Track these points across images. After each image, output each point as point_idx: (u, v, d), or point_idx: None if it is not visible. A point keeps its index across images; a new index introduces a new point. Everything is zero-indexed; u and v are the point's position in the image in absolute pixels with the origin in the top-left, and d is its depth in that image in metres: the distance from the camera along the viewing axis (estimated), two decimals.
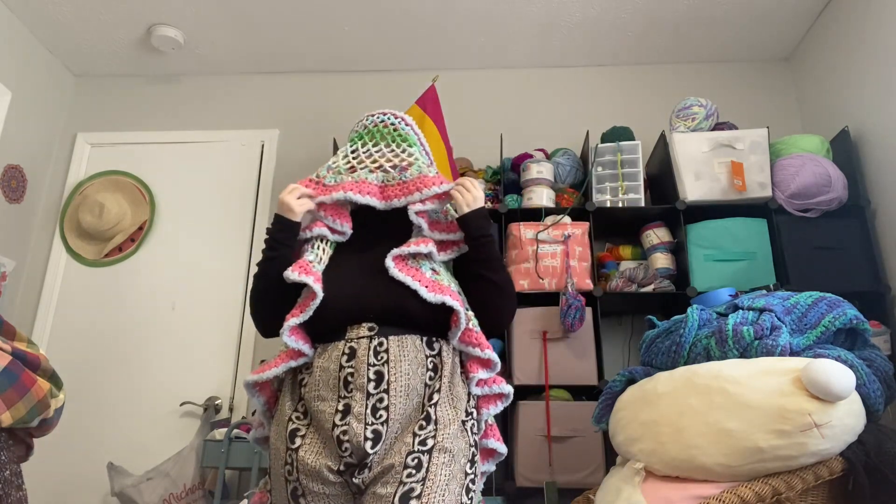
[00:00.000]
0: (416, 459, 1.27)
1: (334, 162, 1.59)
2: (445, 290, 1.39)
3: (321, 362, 1.38)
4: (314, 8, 2.90)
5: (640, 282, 2.53)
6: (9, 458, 1.27)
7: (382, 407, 1.31)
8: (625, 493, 1.68)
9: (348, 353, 1.36)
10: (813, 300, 1.75)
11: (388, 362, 1.34)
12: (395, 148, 1.59)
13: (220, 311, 2.95)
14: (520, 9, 2.90)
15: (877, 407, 1.62)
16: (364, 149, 1.60)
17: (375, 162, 1.56)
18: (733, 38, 3.07)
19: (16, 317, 2.97)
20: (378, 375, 1.33)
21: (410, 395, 1.34)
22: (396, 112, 1.65)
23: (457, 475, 1.30)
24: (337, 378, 1.34)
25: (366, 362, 1.33)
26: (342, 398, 1.32)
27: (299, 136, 3.24)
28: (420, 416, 1.33)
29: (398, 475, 1.25)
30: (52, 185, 3.21)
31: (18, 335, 1.38)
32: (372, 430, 1.29)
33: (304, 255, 1.48)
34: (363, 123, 1.65)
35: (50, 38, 3.10)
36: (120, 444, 2.74)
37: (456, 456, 1.31)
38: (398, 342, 1.37)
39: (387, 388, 1.32)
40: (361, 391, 1.31)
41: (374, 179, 1.53)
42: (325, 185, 1.53)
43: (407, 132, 1.62)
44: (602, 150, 2.68)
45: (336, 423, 1.31)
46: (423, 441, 1.29)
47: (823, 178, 2.45)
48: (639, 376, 1.90)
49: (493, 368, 1.43)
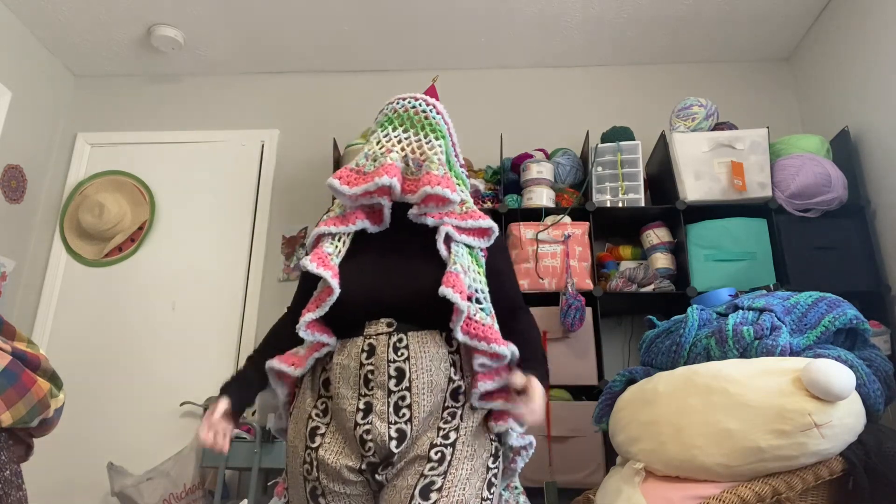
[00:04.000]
0: (440, 453, 1.26)
1: (370, 150, 1.51)
2: (451, 278, 1.31)
3: (340, 359, 1.35)
4: (314, 8, 2.90)
5: (640, 282, 2.53)
6: (9, 458, 1.27)
7: (405, 405, 1.28)
8: (625, 493, 1.68)
9: (367, 349, 1.32)
10: (813, 300, 1.76)
11: (408, 359, 1.31)
12: (423, 139, 1.50)
13: (220, 311, 2.95)
14: (520, 9, 2.90)
15: (877, 407, 1.62)
16: (395, 133, 1.51)
17: (403, 150, 1.49)
18: (733, 38, 3.07)
19: (16, 317, 2.97)
20: (399, 372, 1.30)
21: (434, 391, 1.31)
22: (428, 98, 1.57)
23: (478, 469, 1.28)
24: (357, 375, 1.31)
25: (386, 359, 1.30)
26: (363, 396, 1.29)
27: (299, 136, 3.24)
28: (444, 411, 1.31)
29: (420, 468, 1.24)
30: (52, 185, 3.21)
31: (18, 335, 1.38)
32: (396, 430, 1.27)
33: (323, 247, 1.42)
34: (392, 107, 1.56)
35: (50, 38, 3.10)
36: (120, 444, 2.74)
37: (478, 451, 1.30)
38: (418, 338, 1.33)
39: (409, 385, 1.29)
40: (382, 389, 1.29)
41: (401, 167, 1.47)
42: (364, 174, 1.46)
43: (437, 122, 1.54)
44: (602, 150, 2.68)
45: (358, 421, 1.28)
46: (447, 434, 1.28)
47: (823, 178, 2.45)
48: (639, 376, 1.90)
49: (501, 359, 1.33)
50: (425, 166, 1.46)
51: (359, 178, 1.45)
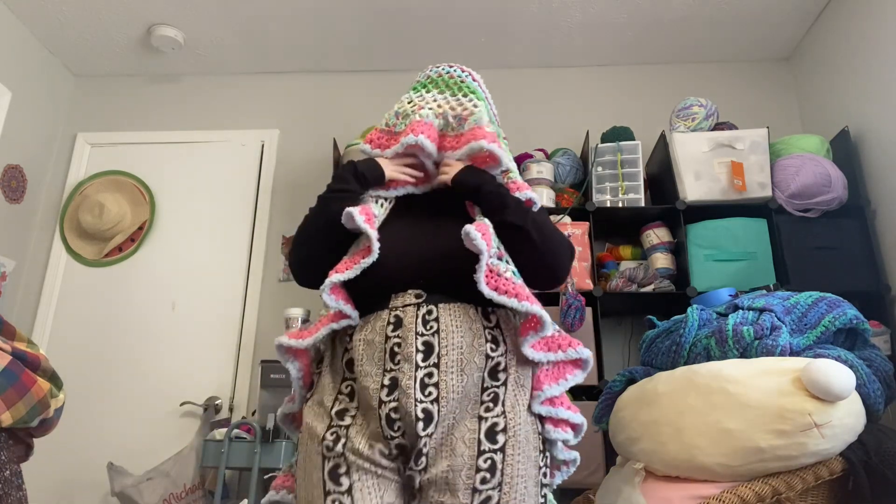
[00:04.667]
0: (489, 461, 1.12)
1: (400, 107, 1.43)
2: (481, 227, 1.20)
3: (364, 335, 1.22)
4: (314, 8, 2.90)
5: (640, 282, 2.53)
6: (9, 458, 1.27)
7: (432, 383, 1.15)
8: (625, 493, 1.68)
9: (394, 322, 1.20)
10: (813, 300, 1.76)
11: (438, 332, 1.18)
12: (461, 97, 1.42)
13: (220, 311, 2.95)
14: (520, 9, 2.90)
15: (877, 407, 1.62)
16: (429, 94, 1.44)
17: (441, 108, 1.40)
18: (733, 38, 3.07)
19: (16, 317, 2.96)
20: (427, 346, 1.17)
21: (466, 369, 1.17)
22: (463, 66, 1.50)
23: (531, 472, 1.17)
24: (382, 350, 1.18)
25: (413, 331, 1.18)
26: (388, 371, 1.16)
27: (299, 136, 3.24)
28: (483, 392, 1.18)
29: (470, 480, 1.11)
30: (52, 185, 3.21)
31: (18, 335, 1.39)
32: (423, 409, 1.13)
33: (371, 206, 1.31)
34: (426, 74, 1.50)
35: (50, 38, 3.10)
36: (120, 444, 2.73)
37: (527, 449, 1.17)
38: (449, 311, 1.20)
39: (437, 361, 1.16)
40: (409, 362, 1.15)
41: (436, 124, 1.39)
42: (395, 133, 1.37)
43: (474, 87, 1.47)
44: (602, 150, 2.68)
45: (383, 399, 1.15)
46: (492, 431, 1.14)
47: (823, 178, 2.44)
48: (639, 376, 1.90)
49: (542, 326, 1.20)
50: (471, 120, 1.35)
51: (390, 139, 1.37)
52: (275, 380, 2.48)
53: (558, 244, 1.35)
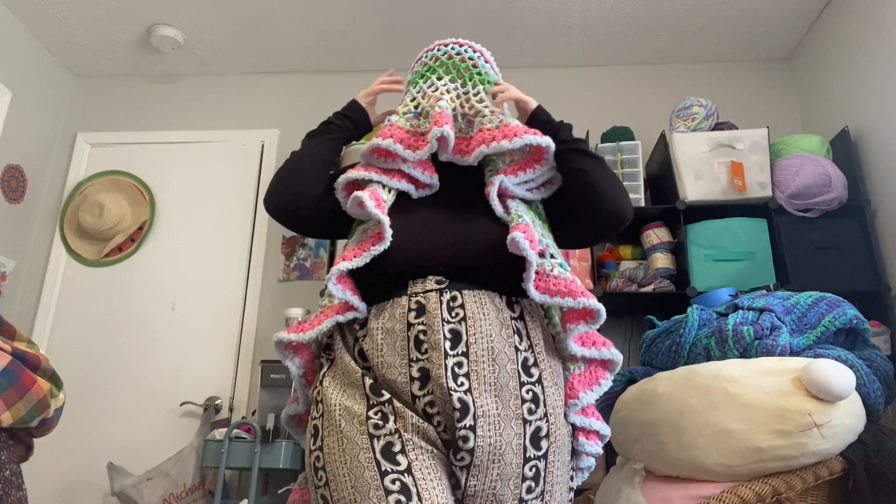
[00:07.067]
0: (534, 468, 1.07)
1: (404, 105, 1.35)
2: (523, 226, 1.13)
3: (381, 323, 1.13)
4: (314, 8, 2.90)
5: (640, 282, 2.53)
6: (9, 458, 1.27)
7: (462, 373, 1.06)
8: (625, 493, 1.68)
9: (416, 308, 1.11)
10: (813, 300, 1.76)
11: (464, 319, 1.09)
12: (471, 89, 1.35)
13: (220, 311, 2.95)
14: (520, 9, 2.90)
15: (877, 407, 1.62)
16: (441, 83, 1.35)
17: (452, 102, 1.33)
18: (733, 38, 3.07)
19: (16, 317, 2.96)
20: (454, 335, 1.08)
21: (497, 359, 1.09)
22: (473, 44, 1.40)
23: (565, 477, 1.13)
24: (406, 339, 1.09)
25: (439, 317, 1.09)
26: (415, 361, 1.08)
27: (299, 136, 3.16)
28: (524, 393, 1.10)
29: (517, 490, 1.06)
30: (52, 185, 3.21)
31: (18, 335, 1.38)
32: (458, 399, 1.05)
33: (378, 191, 1.22)
34: (433, 54, 1.40)
35: (50, 38, 3.10)
36: (120, 444, 2.73)
37: (563, 455, 1.12)
38: (474, 298, 1.12)
39: (466, 350, 1.07)
40: (438, 350, 1.06)
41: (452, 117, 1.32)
42: (422, 134, 1.29)
43: (486, 71, 1.39)
44: (602, 150, 2.68)
45: (415, 393, 1.07)
46: (536, 437, 1.08)
47: (823, 178, 2.44)
48: (639, 376, 1.90)
49: (597, 319, 1.13)
50: (477, 122, 1.30)
51: (419, 141, 1.27)
52: (275, 380, 2.48)
53: (618, 180, 1.33)
